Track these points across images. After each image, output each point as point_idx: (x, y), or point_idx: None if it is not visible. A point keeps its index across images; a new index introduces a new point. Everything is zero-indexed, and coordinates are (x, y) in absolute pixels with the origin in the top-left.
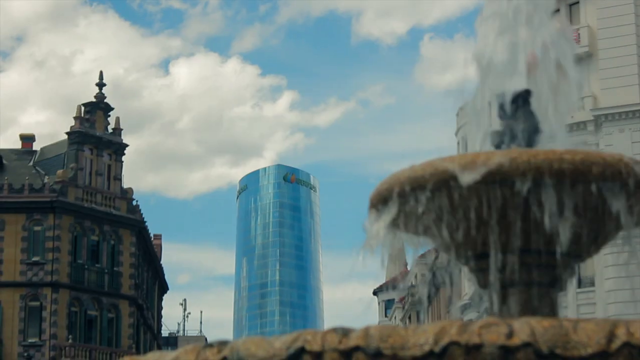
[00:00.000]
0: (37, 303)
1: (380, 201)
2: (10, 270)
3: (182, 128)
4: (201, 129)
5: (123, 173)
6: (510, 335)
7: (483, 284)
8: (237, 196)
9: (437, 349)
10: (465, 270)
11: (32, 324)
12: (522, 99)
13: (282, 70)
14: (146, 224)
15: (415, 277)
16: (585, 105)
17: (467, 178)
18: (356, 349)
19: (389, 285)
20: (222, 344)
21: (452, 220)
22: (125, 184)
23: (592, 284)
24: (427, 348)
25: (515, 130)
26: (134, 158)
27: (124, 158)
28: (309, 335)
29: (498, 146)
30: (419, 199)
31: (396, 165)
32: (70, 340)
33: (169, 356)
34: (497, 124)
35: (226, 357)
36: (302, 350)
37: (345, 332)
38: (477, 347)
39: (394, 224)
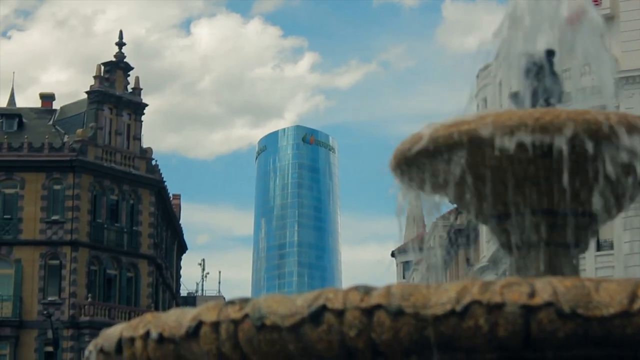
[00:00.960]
0: (57, 262)
1: (402, 161)
2: (30, 229)
3: (203, 89)
4: (222, 89)
5: (142, 133)
6: (532, 294)
7: (505, 244)
8: (256, 157)
9: (458, 308)
10: (483, 232)
11: (51, 282)
12: (546, 59)
13: (304, 31)
14: (165, 183)
15: (434, 238)
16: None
17: (503, 139)
18: (378, 307)
19: (408, 246)
20: (244, 301)
21: (476, 180)
22: (145, 144)
23: (611, 247)
24: (448, 307)
25: (541, 91)
26: (155, 118)
27: (143, 118)
28: (330, 293)
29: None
30: (444, 159)
31: (415, 127)
32: (89, 299)
33: (190, 313)
34: (521, 85)
35: (248, 314)
36: (323, 308)
37: (367, 291)
38: (499, 307)
39: (416, 184)
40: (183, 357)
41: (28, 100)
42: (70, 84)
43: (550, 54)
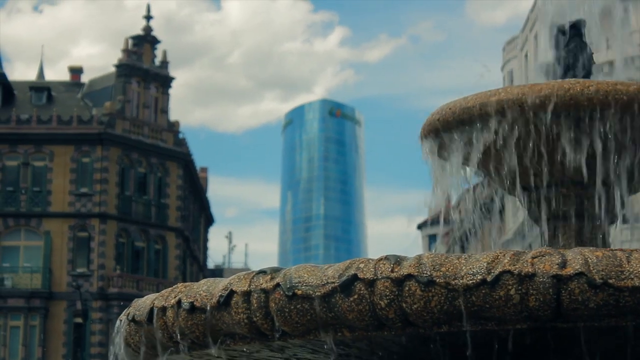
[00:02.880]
0: (86, 234)
1: (433, 131)
2: (59, 201)
3: (232, 63)
4: (251, 64)
5: (170, 106)
6: (563, 265)
7: (534, 216)
8: (283, 130)
9: (489, 278)
10: (509, 205)
11: (80, 254)
12: (576, 29)
13: (334, 6)
14: (192, 156)
15: (460, 212)
16: (634, 40)
17: (534, 110)
18: (409, 277)
19: (433, 220)
20: (275, 271)
21: (506, 151)
22: (174, 117)
23: (637, 220)
24: (479, 277)
25: (571, 61)
26: (184, 92)
27: (170, 91)
28: (361, 263)
29: (555, 76)
30: (474, 129)
31: (442, 101)
32: (117, 271)
33: (222, 283)
34: (550, 56)
35: (279, 283)
36: (354, 278)
37: (397, 260)
38: (530, 277)
39: (446, 155)
40: (214, 327)
41: (57, 73)
42: (100, 58)
43: (580, 25)
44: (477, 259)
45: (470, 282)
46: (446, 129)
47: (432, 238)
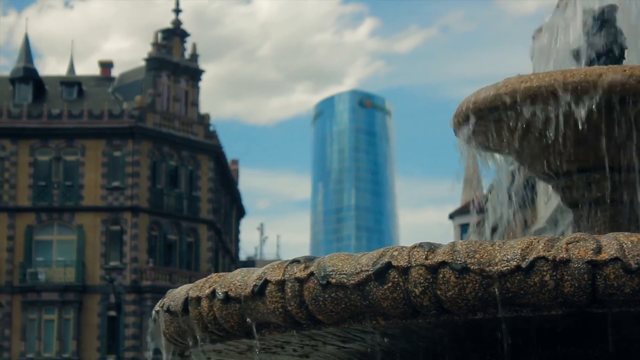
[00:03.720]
0: (118, 227)
1: (465, 118)
2: (92, 195)
3: (263, 55)
4: (282, 56)
5: (201, 99)
6: (598, 250)
7: (568, 202)
8: (313, 122)
9: (524, 265)
10: (541, 193)
11: (113, 247)
12: (608, 14)
13: None
14: (223, 149)
15: (491, 200)
16: None
17: (566, 95)
18: (443, 264)
19: (465, 209)
20: (309, 259)
21: (539, 137)
22: (206, 110)
23: None
24: (514, 264)
25: (602, 47)
26: (215, 85)
27: (200, 84)
28: (395, 251)
29: (587, 63)
30: (507, 115)
31: (471, 90)
32: (150, 264)
33: (256, 272)
34: (581, 42)
35: (313, 272)
36: (388, 266)
37: (431, 248)
38: (565, 263)
39: (478, 142)
40: (249, 316)
41: (88, 68)
42: (130, 52)
43: (612, 10)
44: (511, 246)
45: (505, 268)
46: (478, 116)
47: (464, 227)
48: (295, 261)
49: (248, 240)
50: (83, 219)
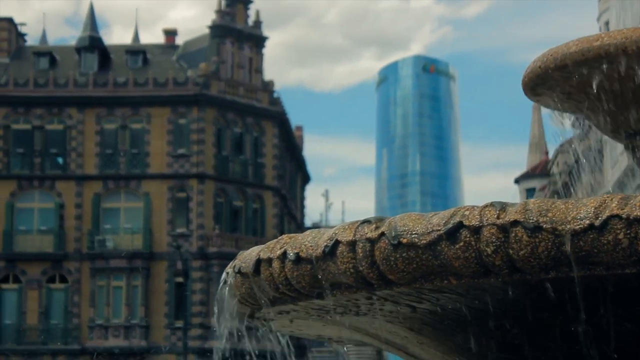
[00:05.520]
0: (184, 194)
1: (536, 79)
2: (157, 163)
3: (329, 22)
4: (348, 22)
5: (266, 66)
6: None
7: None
8: (377, 87)
9: (597, 223)
10: (608, 157)
11: (179, 214)
12: None
13: None
14: (287, 115)
15: (557, 164)
16: None
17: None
18: (515, 223)
19: (531, 173)
20: (380, 220)
21: (613, 96)
22: (272, 78)
23: None
24: (587, 222)
25: None
26: (281, 52)
27: (265, 51)
28: (466, 210)
29: None
30: (580, 74)
31: (537, 54)
32: (216, 230)
33: (326, 233)
34: None
35: (384, 232)
36: (460, 225)
37: (503, 207)
38: (639, 220)
39: (549, 103)
40: (320, 277)
41: (152, 36)
42: (194, 20)
43: None
44: (584, 204)
45: (578, 227)
46: (549, 76)
47: (530, 192)
48: (366, 221)
49: (313, 206)
50: (149, 186)
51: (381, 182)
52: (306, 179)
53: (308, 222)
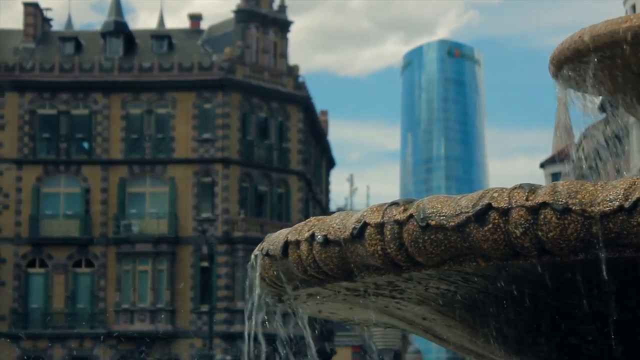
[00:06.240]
0: (209, 179)
1: (561, 61)
2: (183, 148)
3: (354, 6)
4: (373, 6)
5: (290, 51)
6: None
7: None
8: (401, 72)
9: (627, 205)
10: (634, 141)
11: (204, 199)
12: None
13: None
14: (312, 100)
15: (583, 149)
16: None
17: None
18: (544, 205)
19: (556, 157)
20: (408, 202)
21: None
22: (297, 63)
23: None
24: (616, 204)
25: None
26: (305, 37)
27: (289, 36)
28: (495, 192)
29: None
30: (606, 56)
31: (562, 38)
32: (241, 215)
33: (354, 215)
34: None
35: (412, 214)
36: (488, 207)
37: (532, 189)
38: None
39: (576, 86)
40: (348, 259)
41: (177, 21)
42: (219, 4)
43: None
44: (613, 186)
45: (607, 208)
46: (576, 58)
47: (555, 176)
48: (394, 203)
49: (338, 191)
50: (175, 171)
51: (406, 166)
52: (331, 163)
53: (333, 206)
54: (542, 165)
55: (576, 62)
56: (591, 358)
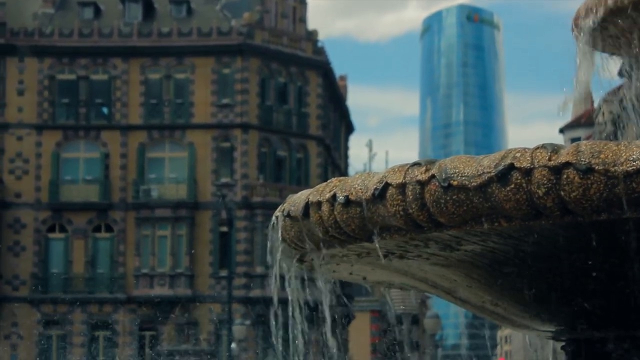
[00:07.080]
0: (228, 144)
1: (590, 21)
2: (202, 113)
3: None
4: None
5: (309, 17)
6: None
7: None
8: (421, 37)
9: None
10: None
11: (223, 164)
12: None
13: None
14: (331, 65)
15: (603, 114)
16: None
17: None
18: (566, 164)
19: (576, 122)
20: (430, 162)
21: None
22: (317, 28)
23: None
24: (639, 163)
25: None
26: (325, 3)
27: (308, 0)
28: (518, 152)
29: None
30: (630, 17)
31: (581, 2)
32: (260, 180)
33: (376, 176)
34: None
35: (434, 175)
36: (511, 167)
37: (555, 149)
38: None
39: (599, 46)
40: (369, 220)
41: None
42: None
43: None
44: (637, 145)
45: (631, 168)
46: (602, 17)
47: (575, 141)
48: (416, 164)
49: (357, 156)
50: (194, 136)
51: (425, 132)
52: (350, 129)
53: (352, 172)
54: (562, 130)
55: (599, 21)
56: (610, 320)
